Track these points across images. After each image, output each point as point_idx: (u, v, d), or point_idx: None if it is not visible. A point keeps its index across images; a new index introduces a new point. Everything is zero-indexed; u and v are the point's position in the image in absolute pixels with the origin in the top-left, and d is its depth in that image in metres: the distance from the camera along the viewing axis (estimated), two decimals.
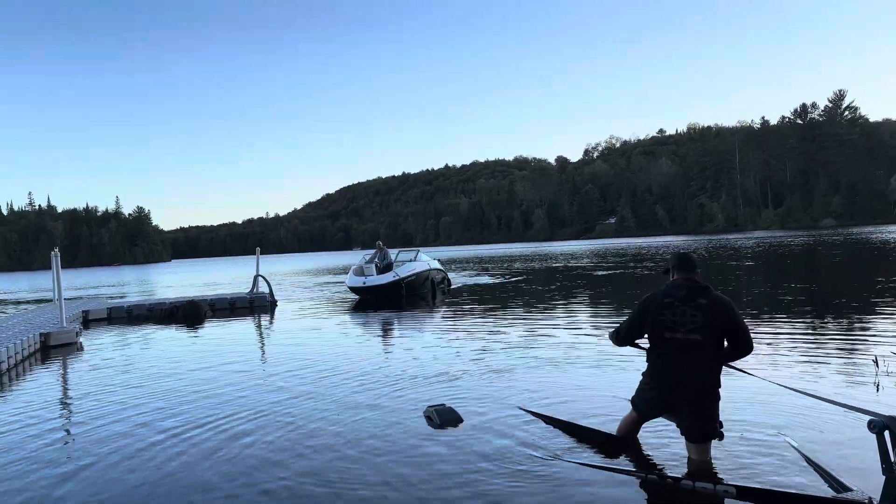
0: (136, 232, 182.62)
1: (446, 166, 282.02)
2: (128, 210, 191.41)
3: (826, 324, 9.56)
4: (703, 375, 3.83)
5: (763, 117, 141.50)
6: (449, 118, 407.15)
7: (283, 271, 46.64)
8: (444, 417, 5.10)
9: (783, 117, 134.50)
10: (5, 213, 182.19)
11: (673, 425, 4.16)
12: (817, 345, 7.85)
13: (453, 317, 13.14)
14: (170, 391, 7.00)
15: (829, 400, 4.28)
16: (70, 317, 13.49)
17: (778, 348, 7.71)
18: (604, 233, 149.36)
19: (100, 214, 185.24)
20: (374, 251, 20.55)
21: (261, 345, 11.26)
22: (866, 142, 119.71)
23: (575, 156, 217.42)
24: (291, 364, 8.33)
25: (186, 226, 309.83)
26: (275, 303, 17.85)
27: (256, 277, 18.89)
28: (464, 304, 15.89)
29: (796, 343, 8.02)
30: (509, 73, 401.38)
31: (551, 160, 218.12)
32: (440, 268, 21.28)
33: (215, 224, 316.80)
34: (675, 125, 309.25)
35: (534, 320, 11.72)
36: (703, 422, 3.87)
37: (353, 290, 18.97)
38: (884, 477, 3.06)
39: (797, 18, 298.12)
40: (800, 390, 4.58)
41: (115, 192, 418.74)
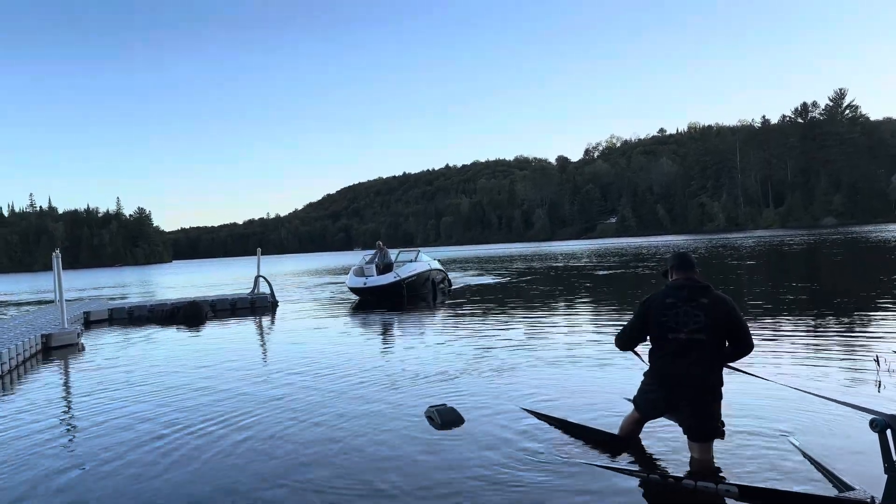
0: (137, 233, 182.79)
1: (447, 166, 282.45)
2: (129, 211, 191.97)
3: (827, 323, 9.56)
4: (703, 375, 3.82)
5: (764, 116, 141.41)
6: (449, 118, 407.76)
7: (284, 272, 46.66)
8: (445, 417, 5.10)
9: (784, 116, 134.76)
10: (6, 215, 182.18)
11: (675, 424, 4.16)
12: (818, 344, 7.85)
13: (454, 317, 13.14)
14: (171, 391, 7.00)
15: (830, 399, 4.28)
16: (71, 318, 13.50)
17: (779, 347, 7.70)
18: (604, 232, 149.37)
19: (101, 215, 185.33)
20: (373, 251, 20.54)
21: (262, 345, 11.26)
22: (867, 140, 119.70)
23: (576, 155, 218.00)
24: (292, 364, 8.33)
25: (187, 226, 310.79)
26: (276, 303, 17.86)
27: (257, 278, 18.88)
28: (464, 304, 15.89)
29: (797, 342, 8.02)
30: (509, 73, 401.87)
31: (552, 160, 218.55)
32: (441, 268, 21.25)
33: (216, 225, 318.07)
34: (675, 124, 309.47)
35: (535, 320, 11.72)
36: (703, 421, 3.87)
37: (354, 290, 18.91)
38: (886, 476, 3.06)
39: (797, 18, 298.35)
40: (801, 389, 4.59)
41: (115, 193, 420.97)
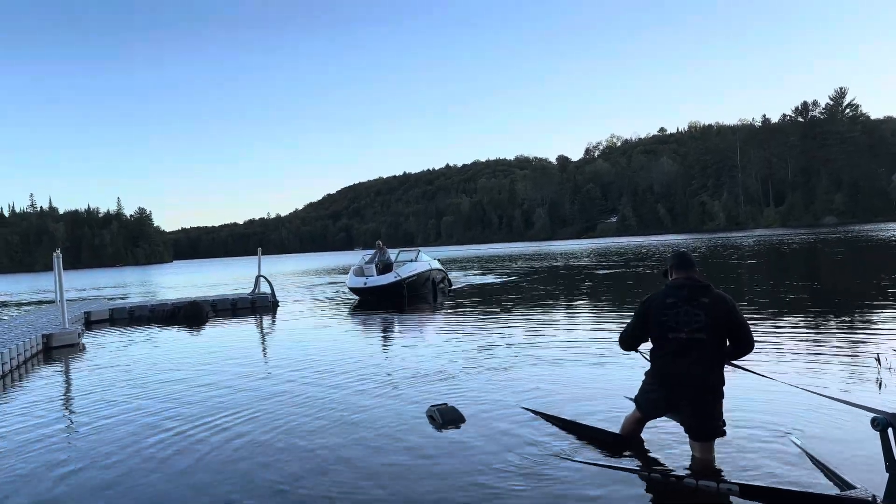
0: (137, 233, 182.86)
1: (447, 166, 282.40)
2: (129, 211, 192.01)
3: (828, 322, 9.55)
4: (703, 375, 3.82)
5: (764, 115, 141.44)
6: (449, 118, 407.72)
7: (285, 272, 46.65)
8: (446, 417, 5.10)
9: (784, 115, 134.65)
10: (7, 215, 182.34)
11: (676, 423, 4.16)
12: (819, 343, 7.84)
13: (454, 316, 13.14)
14: (172, 391, 7.00)
15: (831, 397, 4.28)
16: (72, 318, 13.50)
17: (780, 346, 7.70)
18: (605, 232, 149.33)
19: (101, 215, 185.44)
20: (373, 251, 20.52)
21: (262, 345, 11.27)
22: (867, 139, 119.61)
23: (576, 155, 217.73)
24: (293, 364, 8.33)
25: (188, 226, 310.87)
26: (276, 303, 17.86)
27: (258, 278, 18.88)
28: (465, 303, 15.89)
29: (798, 341, 8.01)
30: (509, 73, 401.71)
31: (552, 159, 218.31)
32: (441, 268, 21.21)
33: (216, 225, 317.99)
34: (676, 124, 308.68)
35: (535, 319, 11.72)
36: (704, 421, 3.87)
37: (354, 290, 18.87)
38: (887, 474, 3.06)
39: (797, 17, 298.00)
40: (803, 388, 4.58)
41: (115, 193, 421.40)
